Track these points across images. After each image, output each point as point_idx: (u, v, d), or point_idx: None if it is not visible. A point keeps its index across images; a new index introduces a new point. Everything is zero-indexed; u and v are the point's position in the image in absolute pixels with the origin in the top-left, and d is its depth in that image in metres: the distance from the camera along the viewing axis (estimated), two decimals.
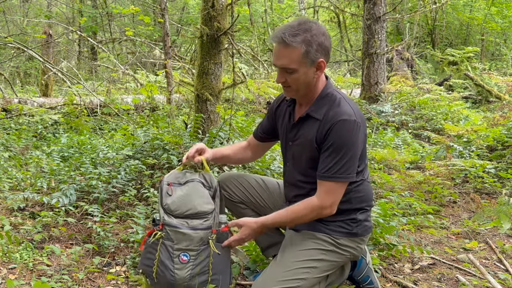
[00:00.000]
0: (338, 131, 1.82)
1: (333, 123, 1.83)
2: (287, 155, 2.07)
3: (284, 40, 1.80)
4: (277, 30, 1.86)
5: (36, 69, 11.88)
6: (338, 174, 1.83)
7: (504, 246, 2.84)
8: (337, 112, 1.84)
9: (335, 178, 1.84)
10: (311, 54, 1.81)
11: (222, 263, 2.00)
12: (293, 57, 1.81)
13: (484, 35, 13.26)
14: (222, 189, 2.23)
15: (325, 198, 1.86)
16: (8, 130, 6.15)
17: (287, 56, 1.81)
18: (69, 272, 2.33)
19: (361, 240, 1.99)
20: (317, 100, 1.93)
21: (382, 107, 7.24)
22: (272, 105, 2.18)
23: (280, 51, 1.83)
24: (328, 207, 1.86)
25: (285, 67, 1.84)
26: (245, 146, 2.29)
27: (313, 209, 1.87)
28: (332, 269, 1.97)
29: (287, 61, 1.82)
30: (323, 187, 1.86)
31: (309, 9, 15.91)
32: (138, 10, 6.42)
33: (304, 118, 1.95)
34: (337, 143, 1.82)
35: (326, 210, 1.87)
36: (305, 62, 1.82)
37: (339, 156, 1.82)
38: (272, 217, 1.96)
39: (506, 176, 3.94)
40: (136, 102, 7.08)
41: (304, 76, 1.86)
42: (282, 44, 1.82)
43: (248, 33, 11.77)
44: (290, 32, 1.80)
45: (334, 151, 1.83)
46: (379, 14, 7.70)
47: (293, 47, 1.80)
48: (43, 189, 3.48)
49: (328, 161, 1.84)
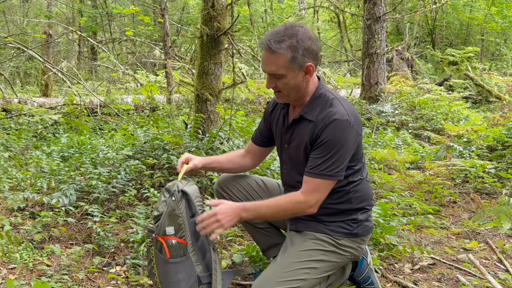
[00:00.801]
0: (330, 130, 1.82)
1: (325, 123, 1.84)
2: (283, 157, 2.07)
3: (270, 47, 1.81)
4: (264, 37, 1.88)
5: (36, 69, 11.88)
6: (326, 171, 1.83)
7: (504, 246, 2.84)
8: (329, 112, 1.85)
9: (323, 175, 1.83)
10: (297, 59, 1.81)
11: (169, 272, 1.95)
12: (279, 63, 1.81)
13: (484, 35, 13.26)
14: (222, 190, 2.23)
15: (310, 195, 1.85)
16: (8, 130, 6.15)
17: (274, 62, 1.82)
18: (69, 272, 2.33)
19: (362, 241, 1.99)
20: (310, 102, 1.93)
21: (382, 107, 7.24)
22: (267, 108, 2.18)
23: (267, 58, 1.84)
24: (312, 205, 1.86)
25: (273, 73, 1.85)
26: (243, 154, 2.26)
27: (297, 203, 1.86)
28: (333, 270, 1.97)
29: (275, 67, 1.83)
30: (310, 184, 1.85)
31: (309, 9, 15.93)
32: (138, 10, 6.42)
33: (297, 120, 1.95)
34: (327, 141, 1.83)
35: (310, 208, 1.86)
36: (293, 67, 1.82)
37: (329, 154, 1.82)
38: (253, 203, 1.95)
39: (506, 176, 3.94)
40: (136, 102, 7.09)
41: (294, 81, 1.86)
42: (268, 51, 1.82)
43: (248, 33, 11.77)
44: (276, 39, 1.80)
45: (324, 149, 1.83)
46: (379, 14, 7.70)
47: (279, 54, 1.80)
48: (43, 189, 3.48)
49: (317, 159, 1.84)
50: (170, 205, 1.90)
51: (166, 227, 1.90)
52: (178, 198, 1.92)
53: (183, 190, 1.95)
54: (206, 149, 3.53)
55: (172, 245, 1.91)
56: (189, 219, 1.95)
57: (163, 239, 1.91)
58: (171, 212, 1.90)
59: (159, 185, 3.46)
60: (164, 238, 1.91)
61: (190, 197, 1.97)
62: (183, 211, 1.93)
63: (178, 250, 1.92)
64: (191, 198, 1.97)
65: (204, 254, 2.02)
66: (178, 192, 1.93)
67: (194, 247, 1.96)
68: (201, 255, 1.99)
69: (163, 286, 1.96)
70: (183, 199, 1.95)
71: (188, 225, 1.94)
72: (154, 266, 1.96)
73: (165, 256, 1.91)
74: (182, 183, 1.98)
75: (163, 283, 1.95)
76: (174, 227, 1.91)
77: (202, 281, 1.97)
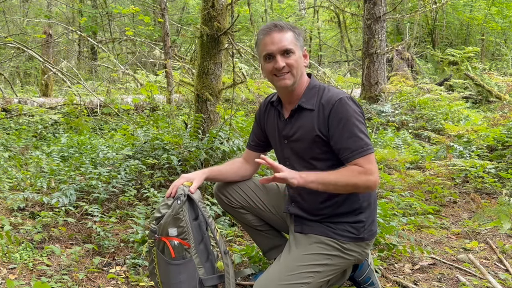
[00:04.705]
0: (341, 110, 1.83)
1: (332, 106, 1.85)
2: (285, 154, 2.03)
3: (277, 26, 1.91)
4: (264, 26, 1.96)
5: (36, 69, 11.89)
6: (365, 147, 1.80)
7: (504, 246, 2.84)
8: (331, 96, 1.88)
9: (365, 151, 1.80)
10: (300, 39, 1.93)
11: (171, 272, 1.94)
12: (289, 39, 1.89)
13: (484, 35, 13.26)
14: (222, 194, 2.21)
15: (369, 167, 1.79)
16: (8, 130, 6.15)
17: (284, 38, 1.89)
18: (69, 272, 2.33)
19: (367, 245, 1.97)
20: (306, 93, 1.95)
21: (382, 107, 7.24)
22: (259, 110, 2.18)
23: (275, 36, 1.90)
24: (374, 172, 1.80)
25: (285, 49, 1.89)
26: (242, 162, 2.24)
27: (360, 173, 1.79)
28: (336, 273, 1.96)
29: (286, 42, 1.89)
30: (361, 162, 1.80)
31: (309, 9, 15.93)
32: (138, 10, 6.42)
33: (296, 111, 1.95)
34: (347, 120, 1.82)
35: (372, 175, 1.79)
36: (298, 45, 1.92)
37: (355, 130, 1.81)
38: (315, 173, 1.85)
39: (506, 176, 3.94)
40: (136, 102, 7.09)
41: (299, 60, 1.93)
42: (276, 29, 1.90)
43: (248, 33, 11.77)
44: (278, 22, 1.93)
45: (348, 128, 1.81)
46: (379, 14, 7.70)
47: (287, 30, 1.91)
48: (43, 189, 3.48)
49: (351, 140, 1.81)
50: (175, 208, 1.90)
51: (169, 228, 1.91)
52: (182, 201, 1.93)
53: (188, 194, 1.96)
54: (206, 149, 3.53)
55: (174, 246, 1.91)
56: (192, 222, 1.96)
57: (166, 239, 1.91)
58: (175, 215, 1.90)
59: (159, 185, 3.46)
60: (167, 238, 1.91)
61: (194, 200, 1.97)
62: (187, 214, 1.94)
63: (180, 251, 1.92)
64: (195, 201, 1.97)
65: (206, 257, 2.01)
66: (184, 196, 1.93)
67: (196, 250, 1.96)
68: (203, 258, 1.99)
69: (164, 286, 1.96)
70: (187, 202, 1.95)
71: (191, 228, 1.94)
72: (155, 267, 1.96)
73: (169, 255, 1.91)
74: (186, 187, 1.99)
75: (164, 284, 1.95)
76: (177, 229, 1.91)
77: (205, 283, 1.96)
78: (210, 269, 2.01)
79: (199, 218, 2.00)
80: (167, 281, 1.94)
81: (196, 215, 1.99)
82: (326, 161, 1.90)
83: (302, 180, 1.79)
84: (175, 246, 1.91)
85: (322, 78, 9.49)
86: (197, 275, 1.95)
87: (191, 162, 3.45)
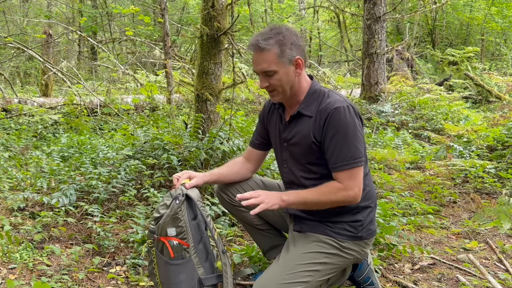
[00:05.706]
0: (336, 119, 1.83)
1: (328, 114, 1.84)
2: (283, 156, 2.06)
3: (258, 46, 1.86)
4: (251, 39, 1.91)
5: (36, 69, 11.89)
6: (351, 160, 1.82)
7: (504, 246, 2.84)
8: (329, 103, 1.87)
9: (349, 165, 1.82)
10: (286, 53, 1.86)
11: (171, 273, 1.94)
12: (270, 59, 1.85)
13: (484, 35, 13.27)
14: (223, 193, 2.22)
15: (348, 183, 1.83)
16: (8, 130, 6.15)
17: (264, 59, 1.86)
18: (69, 272, 2.33)
19: (366, 244, 1.98)
20: (306, 98, 1.95)
21: (382, 107, 7.24)
22: (263, 110, 2.19)
23: (257, 57, 1.88)
24: (352, 189, 1.83)
25: (265, 71, 1.88)
26: (243, 161, 2.25)
27: (338, 189, 1.83)
28: (335, 272, 1.96)
29: (266, 64, 1.86)
30: (343, 176, 1.84)
31: (309, 9, 15.92)
32: (138, 10, 6.42)
33: (295, 116, 1.96)
34: (339, 130, 1.83)
35: (350, 191, 1.82)
36: (283, 62, 1.86)
37: (346, 141, 1.82)
38: (292, 191, 1.92)
39: (506, 176, 3.94)
40: (136, 102, 7.09)
41: (286, 76, 1.89)
42: (257, 50, 1.87)
43: (248, 33, 11.77)
44: (263, 38, 1.86)
45: (339, 138, 1.83)
46: (379, 14, 7.71)
47: (268, 50, 1.85)
48: (43, 189, 3.48)
49: (337, 151, 1.83)
50: (173, 208, 1.91)
51: (167, 228, 1.91)
52: (181, 201, 1.93)
53: (186, 194, 1.96)
54: (206, 149, 3.53)
55: (173, 246, 1.91)
56: (190, 221, 1.96)
57: (165, 239, 1.91)
58: (173, 215, 1.90)
59: (159, 185, 3.46)
60: (166, 238, 1.91)
61: (193, 200, 1.97)
62: (185, 213, 1.94)
63: (179, 251, 1.92)
64: (194, 201, 1.97)
65: (205, 256, 2.01)
66: (182, 196, 1.93)
67: (195, 249, 1.96)
68: (202, 257, 1.99)
69: (164, 287, 1.96)
70: (185, 202, 1.95)
71: (190, 228, 1.95)
72: (155, 267, 1.96)
73: (169, 256, 1.91)
74: (185, 187, 1.99)
75: (164, 284, 1.95)
76: (176, 229, 1.91)
77: (204, 283, 1.96)
78: (209, 268, 2.01)
79: (197, 218, 2.00)
80: (166, 281, 1.94)
81: (195, 214, 1.99)
82: (322, 165, 1.91)
83: (283, 204, 1.87)
84: (174, 246, 1.91)
85: (322, 78, 9.50)
86: (196, 275, 1.95)
87: (191, 162, 3.45)
